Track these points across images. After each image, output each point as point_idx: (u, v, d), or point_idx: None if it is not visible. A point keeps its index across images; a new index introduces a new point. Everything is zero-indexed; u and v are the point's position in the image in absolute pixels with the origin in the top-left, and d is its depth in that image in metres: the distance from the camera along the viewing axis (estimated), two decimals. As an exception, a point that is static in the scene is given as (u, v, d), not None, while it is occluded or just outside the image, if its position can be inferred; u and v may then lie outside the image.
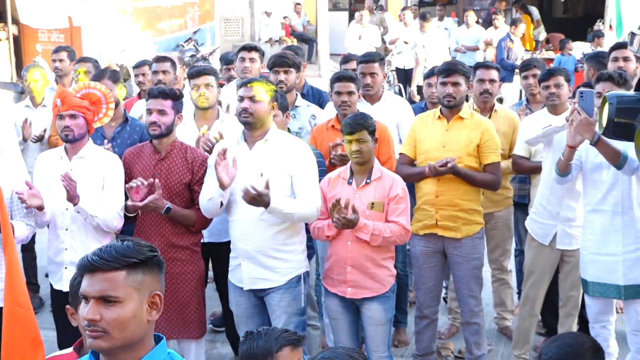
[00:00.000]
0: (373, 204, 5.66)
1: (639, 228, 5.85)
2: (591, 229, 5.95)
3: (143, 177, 5.74)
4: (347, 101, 6.55)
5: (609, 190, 5.84)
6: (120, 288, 2.65)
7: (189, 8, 20.89)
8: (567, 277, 6.47)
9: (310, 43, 22.35)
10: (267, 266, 5.62)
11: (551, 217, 6.35)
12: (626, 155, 5.49)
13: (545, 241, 6.41)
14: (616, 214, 5.84)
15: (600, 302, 5.98)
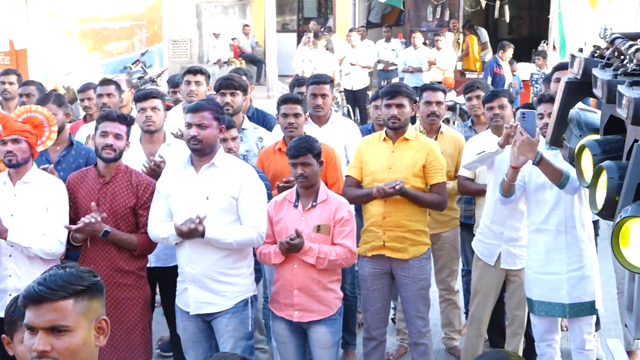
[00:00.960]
0: (319, 227, 5.67)
1: (582, 247, 5.95)
2: (535, 249, 6.03)
3: (87, 201, 5.69)
4: (293, 123, 6.56)
5: (552, 209, 5.93)
6: (69, 317, 2.63)
7: (137, 30, 20.84)
8: (513, 296, 6.53)
9: (258, 64, 22.38)
10: (214, 290, 5.58)
11: (495, 237, 6.43)
12: (568, 175, 5.57)
13: (490, 261, 6.48)
14: (559, 233, 5.93)
15: (545, 320, 6.05)
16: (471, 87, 7.71)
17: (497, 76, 15.70)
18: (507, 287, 6.60)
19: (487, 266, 6.51)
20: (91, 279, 2.71)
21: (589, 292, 5.97)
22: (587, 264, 5.97)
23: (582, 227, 5.97)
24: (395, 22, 22.74)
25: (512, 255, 6.43)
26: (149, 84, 16.73)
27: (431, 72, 17.11)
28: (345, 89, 17.25)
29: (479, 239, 6.57)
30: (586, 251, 5.97)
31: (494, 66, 15.86)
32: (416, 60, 17.44)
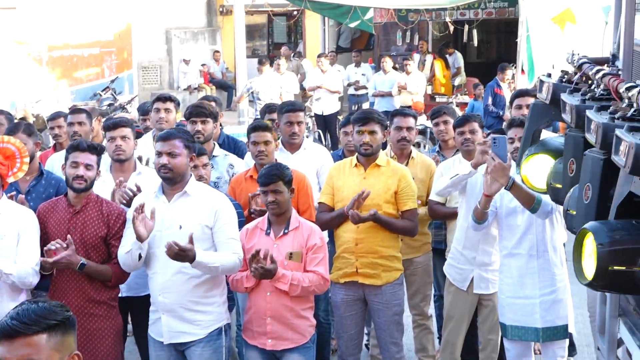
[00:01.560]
0: (291, 254, 5.66)
1: (554, 271, 5.99)
2: (508, 273, 6.06)
3: (58, 231, 5.65)
4: (263, 151, 6.57)
5: (524, 234, 5.98)
6: (42, 351, 2.62)
7: (106, 57, 20.82)
8: (486, 321, 6.55)
9: (229, 90, 22.40)
10: (187, 319, 5.55)
11: (468, 262, 6.47)
12: (540, 199, 5.62)
13: (463, 286, 6.50)
14: (532, 257, 5.97)
15: (519, 345, 6.08)
16: (438, 113, 7.72)
17: (497, 97, 15.72)
18: (479, 312, 6.63)
19: (460, 291, 6.54)
20: (64, 313, 2.69)
21: (561, 315, 6.01)
22: (560, 288, 6.01)
23: (554, 250, 6.01)
24: (364, 47, 22.86)
25: (485, 279, 6.47)
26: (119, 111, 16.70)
27: (401, 96, 17.19)
28: (316, 114, 17.30)
29: (451, 264, 6.59)
30: (558, 275, 6.02)
31: (495, 87, 15.90)
32: (386, 84, 17.51)
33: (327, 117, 17.26)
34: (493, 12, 19.93)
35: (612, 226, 3.49)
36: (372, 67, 19.86)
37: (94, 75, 20.50)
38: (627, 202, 3.53)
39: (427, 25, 21.89)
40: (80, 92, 19.59)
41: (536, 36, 15.54)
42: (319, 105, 17.31)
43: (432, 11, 20.11)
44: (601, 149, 3.68)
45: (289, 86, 17.46)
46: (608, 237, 3.41)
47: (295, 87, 17.82)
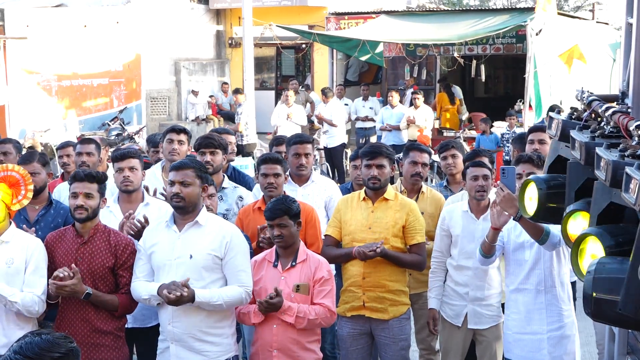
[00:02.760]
0: (298, 287, 5.66)
1: (562, 306, 5.97)
2: (515, 308, 6.05)
3: (65, 261, 5.64)
4: (273, 183, 6.57)
5: (531, 269, 5.97)
6: None
7: (115, 87, 20.91)
8: (483, 356, 6.53)
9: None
10: (196, 349, 5.54)
11: (461, 299, 6.48)
12: (549, 231, 5.62)
13: (457, 322, 6.50)
14: (539, 292, 5.96)
15: None
16: (447, 146, 7.75)
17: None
18: (476, 347, 6.61)
19: (454, 327, 6.53)
20: (67, 345, 2.69)
21: (569, 351, 5.98)
22: (567, 324, 5.99)
23: (562, 286, 6.00)
24: (372, 81, 22.92)
25: (479, 314, 6.46)
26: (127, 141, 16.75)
27: (409, 130, 17.23)
28: (325, 147, 17.35)
29: (444, 301, 6.59)
30: (566, 310, 6.00)
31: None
32: (394, 118, 17.56)
33: (333, 149, 17.30)
34: (501, 48, 20.02)
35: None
36: (380, 100, 19.91)
37: (102, 105, 20.58)
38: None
39: (435, 60, 21.97)
40: (89, 122, 19.67)
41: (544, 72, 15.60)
42: (326, 138, 17.37)
43: (441, 46, 20.22)
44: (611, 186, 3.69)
45: (297, 118, 17.54)
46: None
47: (303, 119, 17.89)
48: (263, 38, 22.85)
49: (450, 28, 19.41)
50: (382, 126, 17.66)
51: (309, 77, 24.19)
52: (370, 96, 19.66)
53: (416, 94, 17.89)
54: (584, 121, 4.56)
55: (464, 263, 6.42)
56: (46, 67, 18.94)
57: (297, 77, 24.10)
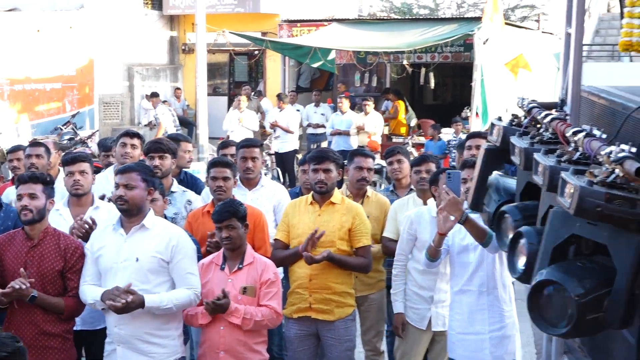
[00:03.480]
0: (245, 289, 5.66)
1: (503, 307, 6.04)
2: (459, 309, 6.11)
3: (15, 264, 5.58)
4: (222, 186, 6.58)
5: (474, 271, 6.03)
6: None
7: (68, 91, 20.71)
8: (438, 356, 6.58)
9: (189, 127, 22.36)
10: (143, 351, 5.51)
11: (425, 302, 6.52)
12: (492, 234, 5.65)
13: (422, 325, 6.55)
14: (482, 293, 6.02)
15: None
16: (392, 152, 7.80)
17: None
18: (431, 348, 6.65)
19: (418, 330, 6.57)
20: (14, 344, 2.67)
21: (510, 351, 6.06)
22: (509, 324, 6.06)
23: (504, 288, 6.07)
24: (324, 87, 22.98)
25: (441, 316, 6.52)
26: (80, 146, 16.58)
27: (359, 136, 17.30)
28: (276, 152, 17.34)
29: (408, 306, 6.61)
30: (507, 311, 6.07)
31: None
32: (344, 124, 17.62)
33: (285, 155, 17.31)
34: (449, 56, 20.19)
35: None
36: (331, 107, 19.97)
37: (55, 110, 20.36)
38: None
39: (385, 68, 22.08)
40: (41, 126, 19.43)
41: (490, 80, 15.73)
42: (277, 143, 17.36)
43: (390, 54, 20.34)
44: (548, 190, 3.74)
45: (249, 123, 17.53)
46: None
47: (255, 125, 17.88)
48: (216, 44, 22.78)
49: (400, 36, 19.52)
50: (333, 131, 17.71)
51: (261, 83, 24.16)
52: (321, 102, 19.70)
53: (366, 101, 17.96)
54: (523, 128, 4.62)
55: (429, 268, 6.42)
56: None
57: (250, 83, 24.04)
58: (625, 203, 3.19)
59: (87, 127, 20.40)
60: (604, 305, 3.33)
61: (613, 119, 4.53)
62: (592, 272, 3.43)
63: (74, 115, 19.94)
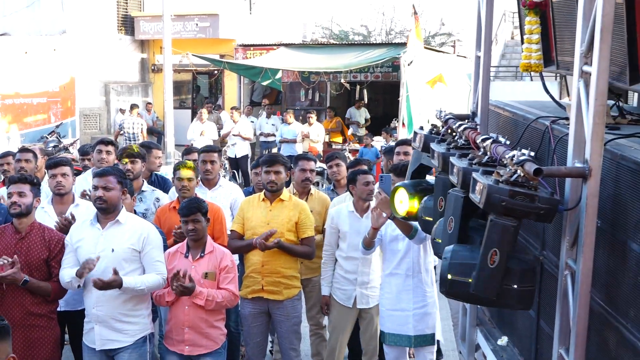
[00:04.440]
0: (207, 274, 5.64)
1: (426, 289, 6.09)
2: (388, 289, 6.14)
3: (5, 254, 5.49)
4: (186, 186, 6.57)
5: (402, 257, 6.07)
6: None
7: (52, 105, 20.45)
8: (366, 330, 6.61)
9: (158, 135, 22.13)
10: (117, 329, 5.48)
11: (350, 284, 6.53)
12: (417, 229, 5.73)
13: (348, 304, 6.55)
14: (408, 276, 6.06)
15: (395, 349, 6.15)
16: (332, 157, 7.86)
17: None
18: (360, 323, 6.68)
19: (345, 308, 6.58)
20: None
21: (430, 326, 6.11)
22: (430, 303, 6.11)
23: (427, 272, 6.12)
24: (274, 102, 22.93)
25: (365, 296, 6.54)
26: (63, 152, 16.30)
27: (303, 143, 17.30)
28: (230, 157, 17.27)
29: (336, 287, 6.61)
30: (429, 292, 6.12)
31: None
32: (290, 133, 17.63)
33: (239, 159, 17.24)
34: (380, 76, 20.29)
35: (458, 250, 3.64)
36: (280, 118, 19.92)
37: (41, 121, 20.06)
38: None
39: (325, 85, 22.11)
40: (29, 135, 19.11)
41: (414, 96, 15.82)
42: (233, 149, 17.30)
43: (330, 73, 20.37)
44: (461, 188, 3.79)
45: (209, 133, 17.45)
46: (451, 254, 3.60)
47: (214, 134, 17.80)
48: (181, 65, 22.62)
49: (338, 58, 19.57)
50: (281, 139, 17.69)
51: (220, 98, 24.03)
52: (272, 115, 19.65)
53: (310, 114, 17.98)
54: (441, 135, 4.66)
55: (352, 254, 6.46)
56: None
57: (211, 98, 23.91)
58: (526, 198, 3.24)
59: (69, 136, 20.11)
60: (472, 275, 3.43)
61: (515, 128, 4.61)
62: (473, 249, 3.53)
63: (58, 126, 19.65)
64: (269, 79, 20.79)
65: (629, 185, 3.17)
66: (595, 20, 3.17)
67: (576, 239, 3.33)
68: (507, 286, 3.41)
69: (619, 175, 3.27)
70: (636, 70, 3.62)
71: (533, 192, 3.25)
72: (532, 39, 4.40)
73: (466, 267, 3.52)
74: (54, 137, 18.49)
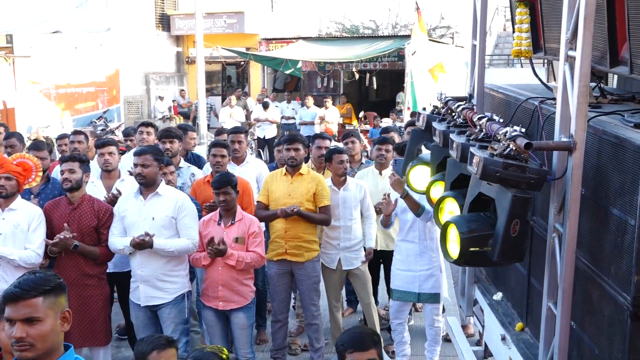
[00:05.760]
0: (237, 239, 5.65)
1: (431, 254, 6.11)
2: (399, 253, 6.20)
3: (60, 223, 5.56)
4: (219, 162, 6.57)
5: (411, 226, 6.12)
6: (39, 310, 2.57)
7: (100, 94, 20.53)
8: (361, 290, 6.62)
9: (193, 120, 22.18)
10: (159, 287, 5.53)
11: (334, 249, 6.51)
12: (424, 208, 5.83)
13: (332, 266, 6.55)
14: (416, 243, 6.13)
15: (399, 304, 6.19)
16: (347, 135, 7.87)
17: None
18: (353, 283, 6.70)
19: (330, 270, 6.57)
20: (56, 280, 2.65)
21: (435, 286, 6.14)
22: (435, 266, 6.14)
23: (432, 240, 6.14)
24: (294, 88, 22.87)
25: (349, 259, 6.53)
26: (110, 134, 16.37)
27: (320, 125, 17.26)
28: (258, 137, 17.27)
29: (323, 252, 6.56)
30: (434, 257, 6.14)
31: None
32: (309, 115, 17.58)
33: (268, 140, 17.25)
34: (387, 64, 20.15)
35: (468, 218, 3.57)
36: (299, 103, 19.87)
37: (90, 108, 20.13)
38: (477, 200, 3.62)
39: (339, 73, 22.01)
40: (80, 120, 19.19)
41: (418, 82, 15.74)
42: (261, 131, 17.33)
43: (343, 63, 20.25)
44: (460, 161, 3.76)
45: (237, 116, 17.45)
46: (466, 227, 3.48)
47: (242, 117, 17.80)
48: (212, 57, 22.58)
49: (350, 50, 19.46)
50: (300, 121, 17.66)
51: (247, 86, 23.99)
52: (292, 100, 19.60)
53: (326, 99, 17.93)
54: (442, 115, 4.63)
55: (335, 224, 6.44)
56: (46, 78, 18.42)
57: (238, 86, 23.87)
58: (518, 169, 3.22)
59: (115, 120, 20.21)
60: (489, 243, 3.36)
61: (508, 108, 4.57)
62: (484, 219, 3.50)
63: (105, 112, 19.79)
64: (290, 69, 20.72)
65: (610, 157, 3.14)
66: (579, 9, 3.13)
67: (563, 205, 3.31)
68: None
69: (601, 148, 3.24)
70: (616, 55, 3.58)
71: (524, 164, 3.23)
72: (522, 28, 4.34)
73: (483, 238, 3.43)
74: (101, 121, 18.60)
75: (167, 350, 3.90)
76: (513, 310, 4.52)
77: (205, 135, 17.49)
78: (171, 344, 3.95)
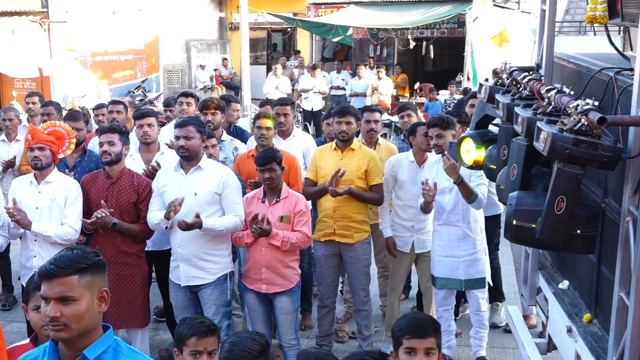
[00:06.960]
0: (282, 218, 5.68)
1: (475, 237, 6.10)
2: (439, 238, 6.18)
3: (98, 198, 5.67)
4: (265, 134, 6.55)
5: (452, 209, 6.08)
6: (75, 289, 2.58)
7: (138, 62, 20.74)
8: (425, 273, 6.59)
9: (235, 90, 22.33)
10: (200, 267, 5.59)
11: (407, 231, 6.52)
12: (477, 195, 5.77)
13: (406, 249, 6.54)
14: (458, 227, 6.08)
15: (444, 292, 6.21)
16: (403, 108, 7.82)
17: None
18: (418, 267, 6.68)
19: (403, 253, 6.57)
20: (94, 258, 2.66)
21: (480, 271, 6.13)
22: (479, 250, 6.12)
23: (475, 222, 6.12)
24: (344, 57, 22.80)
25: (422, 241, 6.53)
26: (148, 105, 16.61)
27: (372, 97, 17.19)
28: (305, 109, 17.29)
29: (395, 235, 6.58)
30: (478, 240, 6.12)
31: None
32: (360, 87, 17.51)
33: (315, 112, 17.27)
34: (446, 32, 19.94)
35: (522, 194, 3.62)
36: (350, 73, 19.82)
37: (128, 77, 20.39)
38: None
39: (393, 42, 21.85)
40: (117, 90, 19.46)
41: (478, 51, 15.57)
42: (308, 103, 17.32)
43: (398, 30, 20.10)
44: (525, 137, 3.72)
45: (283, 86, 17.48)
46: (516, 200, 3.58)
47: (288, 88, 17.82)
48: (257, 23, 22.61)
49: (405, 16, 19.29)
50: (351, 93, 17.61)
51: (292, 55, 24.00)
52: (342, 70, 19.56)
53: (380, 68, 17.83)
54: (506, 87, 4.57)
55: (409, 203, 6.43)
56: (82, 45, 18.69)
57: (284, 54, 23.90)
58: (589, 147, 3.17)
59: (154, 90, 20.42)
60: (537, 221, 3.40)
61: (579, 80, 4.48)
62: (537, 196, 3.50)
63: (143, 81, 19.99)
64: (339, 36, 20.65)
65: (693, 134, 3.06)
66: (663, -29, 3.04)
67: (638, 187, 3.25)
68: (571, 231, 3.36)
69: (683, 124, 3.15)
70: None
71: (596, 140, 3.17)
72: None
73: (531, 213, 3.50)
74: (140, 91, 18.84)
75: (207, 338, 3.91)
76: (580, 300, 4.46)
77: (249, 107, 17.62)
78: (213, 332, 3.95)
